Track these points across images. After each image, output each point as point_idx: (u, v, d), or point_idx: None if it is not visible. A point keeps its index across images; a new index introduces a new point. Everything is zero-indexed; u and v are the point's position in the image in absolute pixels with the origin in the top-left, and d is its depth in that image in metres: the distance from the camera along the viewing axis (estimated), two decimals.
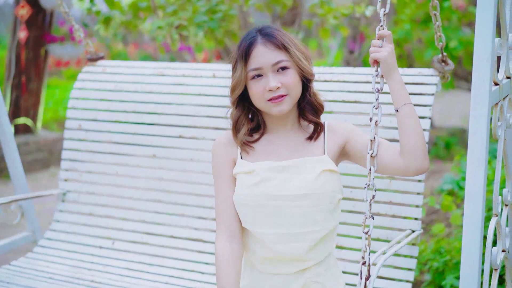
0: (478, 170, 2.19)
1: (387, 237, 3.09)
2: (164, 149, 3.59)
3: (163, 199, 3.57)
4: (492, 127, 2.38)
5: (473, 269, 2.17)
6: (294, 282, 2.42)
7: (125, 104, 3.72)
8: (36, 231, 3.82)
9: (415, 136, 2.32)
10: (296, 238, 2.37)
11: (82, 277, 3.38)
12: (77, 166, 3.77)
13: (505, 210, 2.65)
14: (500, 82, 2.40)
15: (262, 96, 2.38)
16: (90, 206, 3.72)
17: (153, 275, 3.38)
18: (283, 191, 2.36)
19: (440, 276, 3.89)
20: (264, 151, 2.46)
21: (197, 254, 3.42)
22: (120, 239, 3.59)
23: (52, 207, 5.72)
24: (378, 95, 2.32)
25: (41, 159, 7.64)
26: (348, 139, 2.46)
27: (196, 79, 3.62)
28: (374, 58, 2.36)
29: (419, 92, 3.13)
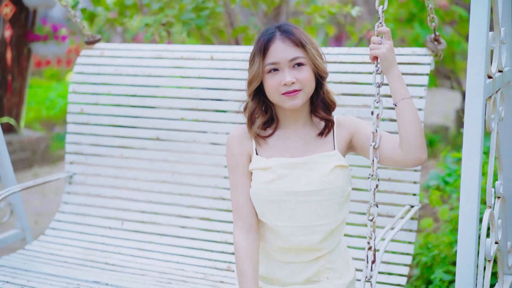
0: (473, 162, 2.31)
1: (387, 213, 3.25)
2: (167, 131, 3.69)
3: (168, 180, 3.69)
4: (486, 120, 2.48)
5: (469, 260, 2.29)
6: (309, 269, 2.59)
7: (126, 88, 3.80)
8: (25, 228, 3.90)
9: (413, 129, 2.43)
10: (311, 231, 2.52)
11: (96, 259, 3.52)
12: (82, 149, 3.88)
13: (497, 202, 2.76)
14: (493, 75, 2.50)
15: (277, 90, 2.50)
16: (97, 187, 3.84)
17: (164, 254, 3.53)
18: (297, 187, 2.50)
19: (428, 270, 3.97)
20: (278, 147, 2.58)
21: (205, 232, 3.57)
22: (129, 220, 3.73)
23: (37, 205, 5.82)
24: (378, 90, 2.45)
25: (24, 159, 7.57)
26: (353, 133, 2.59)
27: (194, 61, 3.71)
28: (374, 54, 2.46)
29: (414, 72, 3.24)
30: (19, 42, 7.66)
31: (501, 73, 2.65)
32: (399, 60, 3.17)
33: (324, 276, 2.60)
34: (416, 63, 3.26)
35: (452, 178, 4.56)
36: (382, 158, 2.48)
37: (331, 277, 2.60)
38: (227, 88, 3.57)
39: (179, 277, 3.32)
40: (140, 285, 3.17)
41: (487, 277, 2.55)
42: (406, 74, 3.21)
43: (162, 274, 3.35)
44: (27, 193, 4.16)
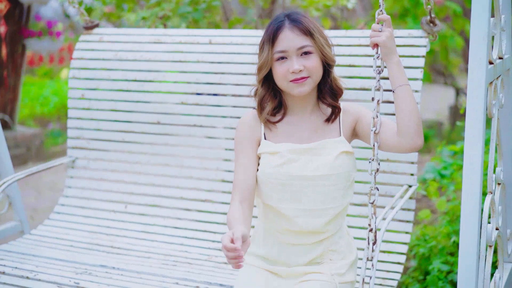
0: (476, 146, 2.36)
1: (386, 192, 3.32)
2: (168, 115, 3.75)
3: (170, 163, 3.76)
4: (487, 105, 2.53)
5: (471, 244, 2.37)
6: (312, 251, 2.67)
7: (125, 73, 3.85)
8: (23, 221, 3.93)
9: (410, 115, 2.50)
10: (317, 214, 2.61)
11: (102, 243, 3.60)
12: (83, 134, 3.93)
13: (498, 189, 2.81)
14: (494, 61, 2.55)
15: (285, 77, 2.58)
16: (100, 171, 3.90)
17: (168, 237, 3.61)
18: (305, 172, 2.58)
19: (426, 261, 4.01)
20: (286, 133, 2.66)
21: (208, 214, 3.64)
22: (132, 203, 3.80)
23: (32, 201, 5.83)
24: (379, 77, 2.52)
25: (18, 155, 7.58)
26: (357, 119, 2.67)
27: (193, 46, 3.75)
28: (374, 42, 2.54)
29: (410, 54, 3.30)
30: (13, 38, 7.65)
31: (502, 60, 2.70)
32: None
33: (328, 258, 2.69)
34: (412, 45, 3.32)
35: (449, 171, 4.61)
36: (380, 143, 2.56)
37: (334, 258, 2.69)
38: (226, 72, 3.62)
39: (183, 259, 3.40)
40: (146, 268, 3.25)
41: (488, 262, 2.61)
42: (402, 56, 3.25)
43: (167, 256, 3.43)
44: (23, 190, 4.19)
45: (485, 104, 2.40)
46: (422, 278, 4.03)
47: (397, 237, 3.30)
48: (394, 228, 3.31)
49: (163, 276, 3.16)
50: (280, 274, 2.70)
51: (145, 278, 3.13)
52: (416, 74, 3.26)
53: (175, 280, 3.11)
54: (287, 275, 2.69)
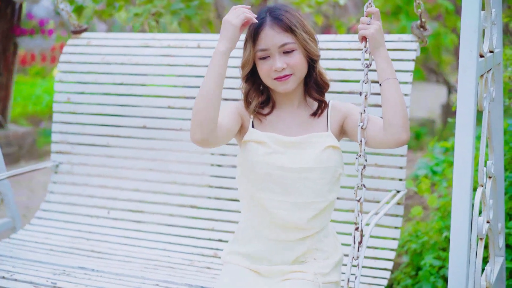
0: (466, 138, 2.33)
1: (374, 198, 3.25)
2: (154, 119, 3.69)
3: (155, 168, 3.69)
4: (478, 99, 2.50)
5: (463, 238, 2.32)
6: (296, 249, 2.60)
7: (113, 76, 3.80)
8: (15, 217, 3.89)
9: (396, 109, 2.45)
10: (301, 207, 2.55)
11: (82, 247, 3.51)
12: (68, 139, 3.86)
13: (489, 182, 2.78)
14: (485, 55, 2.52)
15: (269, 75, 2.55)
16: (84, 176, 3.82)
17: (150, 242, 3.52)
18: (290, 164, 2.53)
19: (418, 257, 4.01)
20: (273, 125, 2.63)
21: (192, 220, 3.57)
22: (115, 208, 3.71)
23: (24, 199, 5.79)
24: (367, 71, 2.47)
25: (10, 154, 7.54)
26: (346, 116, 2.63)
27: (181, 49, 3.71)
28: (362, 34, 2.50)
29: (400, 58, 3.26)
30: (5, 36, 7.61)
31: (492, 53, 2.67)
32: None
33: (311, 257, 2.61)
34: (402, 49, 3.28)
35: (440, 168, 4.59)
36: (367, 139, 2.50)
37: (318, 257, 2.62)
38: None
39: (165, 263, 3.32)
40: (126, 271, 3.16)
41: (479, 255, 2.58)
42: (392, 60, 3.19)
43: (148, 261, 3.34)
44: (15, 188, 4.15)
45: (476, 97, 2.37)
46: (414, 273, 4.02)
47: (384, 243, 3.23)
48: (380, 234, 3.24)
49: (144, 278, 3.07)
50: (263, 273, 2.63)
51: (124, 280, 3.04)
52: (406, 77, 3.22)
53: (156, 282, 3.02)
54: (269, 274, 2.62)
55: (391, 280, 4.19)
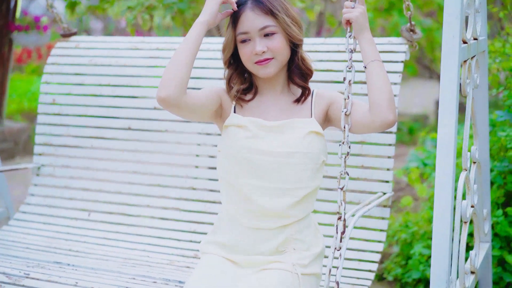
0: (449, 121, 2.33)
1: (359, 200, 3.19)
2: (139, 121, 3.64)
3: (139, 170, 3.62)
4: (461, 84, 2.49)
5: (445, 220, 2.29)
6: (276, 237, 2.51)
7: (99, 78, 3.76)
8: (9, 207, 3.86)
9: (381, 89, 2.42)
10: (279, 193, 2.47)
11: (59, 246, 3.42)
12: (51, 140, 3.80)
13: (473, 167, 2.77)
14: (468, 41, 2.51)
15: (250, 59, 2.51)
16: (65, 179, 3.75)
17: (130, 243, 3.44)
18: (270, 148, 2.47)
19: (408, 246, 4.04)
20: (255, 110, 2.57)
21: (174, 222, 3.49)
22: (96, 211, 3.64)
23: (19, 194, 5.73)
24: (351, 55, 2.44)
25: (6, 149, 7.52)
26: (330, 103, 2.58)
27: (170, 52, 3.68)
28: (346, 18, 2.48)
29: (389, 60, 3.24)
30: (0, 32, 7.59)
31: (476, 41, 2.67)
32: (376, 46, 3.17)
33: (291, 247, 2.53)
34: (392, 51, 3.27)
35: (432, 161, 4.61)
36: (352, 123, 2.46)
37: (298, 248, 2.53)
38: (202, 77, 3.53)
39: (144, 262, 3.23)
40: (103, 266, 3.07)
41: (463, 238, 2.53)
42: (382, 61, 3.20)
43: (126, 260, 3.25)
44: (10, 184, 4.09)
45: (458, 82, 2.37)
46: (405, 263, 4.04)
47: (369, 246, 3.14)
48: (366, 237, 3.16)
49: (120, 272, 2.99)
50: (240, 263, 2.54)
51: (100, 274, 2.94)
52: (395, 78, 3.20)
53: (132, 276, 2.93)
54: (246, 264, 2.53)
55: (381, 270, 4.15)
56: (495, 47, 3.49)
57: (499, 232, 3.46)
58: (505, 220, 3.45)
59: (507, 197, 3.59)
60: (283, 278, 2.42)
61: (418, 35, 3.28)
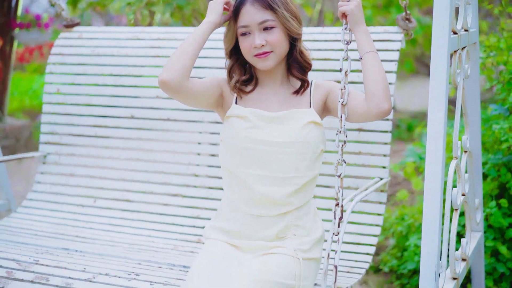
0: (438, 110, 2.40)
1: (357, 186, 3.28)
2: (142, 109, 3.72)
3: (142, 158, 3.71)
4: (452, 74, 2.57)
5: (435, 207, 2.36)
6: (276, 225, 2.61)
7: (102, 68, 3.84)
8: (10, 199, 3.93)
9: (376, 79, 2.52)
10: (279, 182, 2.57)
11: (66, 232, 3.52)
12: (56, 129, 3.89)
13: (464, 156, 2.85)
14: (458, 32, 2.59)
15: (249, 52, 2.60)
16: (71, 167, 3.84)
17: (135, 229, 3.54)
18: (271, 137, 2.57)
19: (404, 239, 4.12)
20: (256, 101, 2.67)
21: (177, 208, 3.58)
22: (101, 197, 3.73)
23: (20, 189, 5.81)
24: (347, 47, 2.54)
25: (7, 146, 7.53)
26: (328, 93, 2.68)
27: (170, 42, 3.76)
28: (342, 11, 2.57)
29: (385, 48, 3.32)
30: (2, 30, 7.63)
31: (467, 32, 2.74)
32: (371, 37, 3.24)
33: (292, 233, 2.62)
34: (388, 40, 3.34)
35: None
36: (349, 113, 2.56)
37: (299, 234, 2.63)
38: (202, 66, 3.61)
39: (149, 247, 3.33)
40: (109, 251, 3.17)
41: (454, 225, 2.61)
42: (378, 50, 3.25)
43: (132, 245, 3.35)
44: (12, 178, 4.17)
45: (448, 71, 2.44)
46: (400, 255, 4.11)
47: (367, 230, 3.24)
48: (364, 221, 3.26)
49: (126, 258, 3.09)
50: (242, 248, 2.64)
51: (107, 259, 3.05)
52: (391, 67, 3.27)
53: (138, 261, 3.03)
54: (248, 249, 2.63)
55: (377, 262, 4.24)
56: (490, 42, 3.57)
57: (492, 223, 3.53)
58: (498, 211, 3.52)
59: (500, 189, 3.66)
60: (285, 262, 2.52)
61: (413, 24, 3.35)
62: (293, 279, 2.50)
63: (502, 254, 3.58)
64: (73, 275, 2.79)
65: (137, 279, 2.74)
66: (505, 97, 3.59)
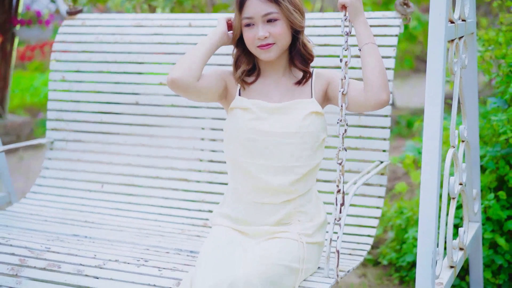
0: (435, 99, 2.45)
1: (358, 169, 3.36)
2: (146, 96, 3.80)
3: (147, 143, 3.79)
4: (448, 62, 2.62)
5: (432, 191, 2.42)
6: (280, 211, 2.70)
7: (106, 55, 3.91)
8: (11, 192, 3.98)
9: (374, 70, 2.59)
10: (283, 171, 2.66)
11: (75, 218, 3.61)
12: (62, 116, 3.97)
13: (462, 146, 2.90)
14: (455, 21, 2.64)
15: (253, 43, 2.67)
16: (78, 153, 3.93)
17: (142, 213, 3.63)
18: (273, 128, 2.65)
19: (402, 232, 4.16)
20: (258, 92, 2.75)
21: (182, 192, 3.67)
22: (108, 182, 3.82)
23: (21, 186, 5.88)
24: (347, 38, 2.61)
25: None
26: (329, 82, 2.75)
27: (173, 28, 3.82)
28: (342, 3, 2.64)
29: (384, 34, 3.37)
30: (3, 27, 7.66)
31: (464, 22, 2.78)
32: (370, 23, 3.30)
33: (296, 219, 2.71)
34: (386, 25, 3.39)
35: None
36: (349, 102, 2.64)
37: (302, 219, 2.72)
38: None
39: (156, 232, 3.42)
40: (118, 237, 3.26)
41: (451, 213, 2.67)
42: (376, 35, 3.33)
43: (140, 230, 3.45)
44: (12, 175, 4.22)
45: (445, 59, 2.48)
46: (399, 247, 4.15)
47: (368, 212, 3.33)
48: (365, 203, 3.34)
49: (134, 243, 3.17)
50: (248, 233, 2.73)
51: (115, 245, 3.13)
52: (389, 52, 3.33)
53: (146, 247, 3.12)
54: (254, 235, 2.72)
55: (376, 255, 4.31)
56: (489, 35, 3.60)
57: (491, 215, 3.57)
58: (497, 203, 3.56)
59: (499, 181, 3.70)
60: (289, 246, 2.61)
61: (412, 9, 3.40)
62: (297, 262, 2.59)
63: (500, 246, 3.63)
64: (84, 262, 2.87)
65: (145, 265, 2.82)
66: (504, 90, 3.62)
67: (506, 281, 3.67)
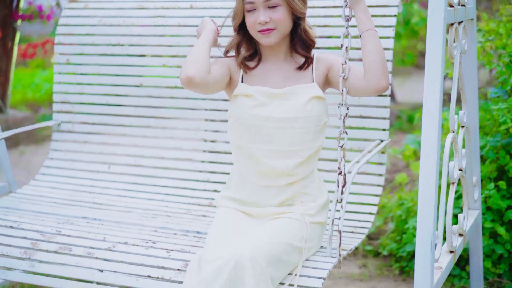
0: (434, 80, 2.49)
1: (359, 148, 3.43)
2: (150, 78, 3.86)
3: (152, 124, 3.87)
4: (448, 47, 2.66)
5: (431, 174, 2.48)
6: (284, 193, 2.79)
7: (109, 38, 3.96)
8: (11, 182, 4.02)
9: (374, 57, 2.65)
10: (286, 155, 2.74)
11: (84, 199, 3.71)
12: (68, 98, 4.04)
13: (461, 131, 2.95)
14: (455, 5, 2.68)
15: (254, 28, 2.74)
16: (84, 134, 4.01)
17: (149, 193, 3.72)
18: (275, 114, 2.72)
19: (403, 222, 4.22)
20: (260, 77, 2.82)
21: (188, 172, 3.75)
22: (115, 163, 3.90)
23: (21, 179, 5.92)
24: (347, 24, 2.66)
25: (10, 137, 7.47)
26: (330, 67, 2.81)
27: (175, 10, 3.87)
28: None
29: (382, 14, 3.42)
30: (4, 22, 7.67)
31: (464, 7, 2.82)
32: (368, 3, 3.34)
33: (299, 200, 2.80)
34: (385, 5, 3.44)
35: None
36: (349, 87, 2.70)
37: (305, 200, 2.80)
38: None
39: (163, 212, 3.51)
40: (126, 219, 3.35)
41: (451, 199, 2.72)
42: (375, 16, 3.39)
43: (147, 210, 3.54)
44: (12, 169, 4.26)
45: (444, 42, 2.51)
46: (399, 238, 4.20)
47: (369, 190, 3.41)
48: (365, 181, 3.42)
49: (142, 225, 3.26)
50: (252, 214, 2.81)
51: (124, 227, 3.22)
52: (388, 32, 3.38)
53: (154, 228, 3.21)
54: (258, 215, 2.80)
55: (377, 245, 4.40)
56: (489, 26, 3.63)
57: (491, 205, 3.62)
58: (497, 193, 3.61)
59: (499, 171, 3.75)
60: (292, 226, 2.70)
61: None
62: (300, 241, 2.67)
63: (500, 235, 3.68)
64: (94, 244, 2.96)
65: (154, 247, 2.91)
66: (504, 80, 3.65)
67: (506, 271, 3.74)
